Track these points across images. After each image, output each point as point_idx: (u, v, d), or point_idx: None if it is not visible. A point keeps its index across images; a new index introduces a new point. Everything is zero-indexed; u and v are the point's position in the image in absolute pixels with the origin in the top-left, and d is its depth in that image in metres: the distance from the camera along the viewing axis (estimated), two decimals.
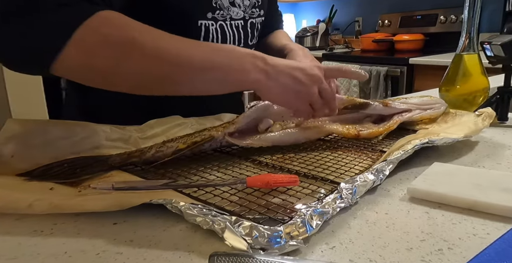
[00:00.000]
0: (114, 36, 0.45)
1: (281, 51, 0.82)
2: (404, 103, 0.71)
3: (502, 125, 0.75)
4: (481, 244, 0.35)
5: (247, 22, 0.76)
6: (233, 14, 0.72)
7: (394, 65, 2.24)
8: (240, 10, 0.74)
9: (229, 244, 0.34)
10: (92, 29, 0.44)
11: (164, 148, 0.55)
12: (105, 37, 0.45)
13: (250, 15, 0.76)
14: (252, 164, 0.56)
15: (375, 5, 3.03)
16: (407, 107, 0.70)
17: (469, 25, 0.75)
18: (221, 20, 0.70)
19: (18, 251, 0.36)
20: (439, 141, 0.55)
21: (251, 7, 0.76)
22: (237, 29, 0.75)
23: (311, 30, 3.21)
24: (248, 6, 0.75)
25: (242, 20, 0.75)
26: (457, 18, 2.46)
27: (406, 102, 0.71)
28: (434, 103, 0.72)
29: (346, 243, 0.36)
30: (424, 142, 0.54)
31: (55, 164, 0.52)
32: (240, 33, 0.76)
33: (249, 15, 0.76)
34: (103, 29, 0.45)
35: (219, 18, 0.70)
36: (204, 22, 0.68)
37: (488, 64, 0.77)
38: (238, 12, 0.73)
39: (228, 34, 0.73)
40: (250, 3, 0.75)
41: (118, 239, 0.37)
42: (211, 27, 0.69)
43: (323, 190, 0.45)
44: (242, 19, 0.74)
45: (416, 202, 0.44)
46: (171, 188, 0.46)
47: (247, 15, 0.75)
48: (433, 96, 0.74)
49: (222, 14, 0.70)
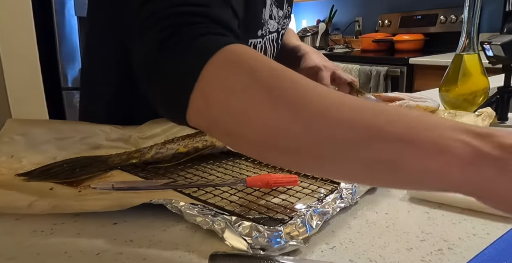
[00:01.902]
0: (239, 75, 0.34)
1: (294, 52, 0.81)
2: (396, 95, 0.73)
3: (502, 125, 0.75)
4: (481, 244, 0.35)
5: (279, 34, 0.73)
6: (271, 28, 0.69)
7: (394, 65, 2.24)
8: (275, 22, 0.71)
9: (229, 244, 0.34)
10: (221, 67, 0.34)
11: (164, 149, 0.55)
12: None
13: (282, 26, 0.73)
14: (252, 164, 0.56)
15: (375, 5, 3.02)
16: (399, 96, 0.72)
17: (469, 25, 0.75)
18: (265, 35, 0.68)
19: (18, 251, 0.36)
20: None
21: (283, 18, 0.73)
22: (273, 42, 0.72)
23: (311, 30, 3.21)
24: (281, 17, 0.72)
25: (276, 33, 0.72)
26: (457, 18, 2.46)
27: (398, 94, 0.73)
28: (426, 99, 0.73)
29: (346, 243, 0.36)
30: None
31: (55, 164, 0.52)
32: (275, 46, 0.72)
33: (281, 27, 0.73)
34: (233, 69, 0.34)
35: (264, 34, 0.67)
36: (254, 40, 0.65)
37: (488, 64, 0.77)
38: (274, 25, 0.70)
39: (269, 49, 0.69)
40: (283, 13, 0.72)
41: (118, 239, 0.37)
42: (258, 45, 0.66)
43: (323, 190, 0.45)
44: (276, 32, 0.71)
45: (416, 202, 0.44)
46: (171, 188, 0.46)
47: (280, 26, 0.72)
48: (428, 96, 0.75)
49: (265, 29, 0.68)
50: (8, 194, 0.43)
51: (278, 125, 0.29)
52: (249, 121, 0.31)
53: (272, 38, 0.72)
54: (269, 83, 0.31)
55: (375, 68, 2.29)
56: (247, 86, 0.31)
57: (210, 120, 0.33)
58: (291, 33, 0.92)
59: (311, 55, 0.78)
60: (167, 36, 0.35)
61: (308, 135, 0.29)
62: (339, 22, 3.35)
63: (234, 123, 0.32)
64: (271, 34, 0.71)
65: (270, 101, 0.30)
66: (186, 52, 0.35)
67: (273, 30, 0.71)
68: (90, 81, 0.72)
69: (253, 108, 0.31)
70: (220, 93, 0.32)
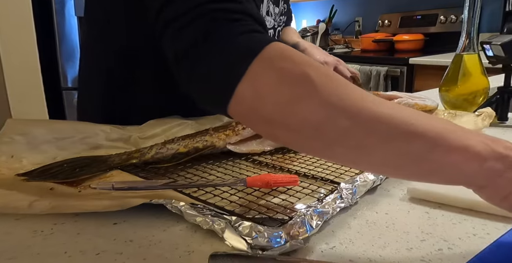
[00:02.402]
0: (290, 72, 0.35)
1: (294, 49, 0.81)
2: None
3: (502, 125, 0.75)
4: (481, 244, 0.35)
5: (275, 31, 0.73)
6: (268, 24, 0.70)
7: (394, 65, 2.24)
8: (271, 19, 0.71)
9: (229, 244, 0.34)
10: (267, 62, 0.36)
11: (164, 149, 0.55)
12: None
13: (278, 23, 0.73)
14: (252, 164, 0.56)
15: (375, 5, 3.02)
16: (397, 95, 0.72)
17: (469, 25, 0.75)
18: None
19: (18, 251, 0.36)
20: None
21: (279, 14, 0.73)
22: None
23: (311, 30, 3.21)
24: (277, 14, 0.72)
25: (272, 30, 0.72)
26: (457, 18, 2.46)
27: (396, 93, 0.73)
28: (425, 98, 0.73)
29: (346, 243, 0.36)
30: None
31: (55, 164, 0.52)
32: None
33: (277, 24, 0.73)
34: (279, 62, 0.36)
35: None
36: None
37: (488, 64, 0.77)
38: (270, 21, 0.71)
39: None
40: (279, 10, 0.73)
41: (118, 239, 0.37)
42: None
43: (323, 190, 0.45)
44: (272, 29, 0.72)
45: (416, 202, 0.44)
46: (171, 188, 0.46)
47: (276, 23, 0.72)
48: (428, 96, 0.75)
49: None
50: (8, 194, 0.43)
51: (323, 119, 0.33)
52: (295, 112, 0.33)
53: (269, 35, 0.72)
54: (319, 79, 0.33)
55: (375, 68, 2.29)
56: (298, 78, 0.34)
57: (252, 108, 0.35)
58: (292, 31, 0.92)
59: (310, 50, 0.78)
60: (210, 31, 0.37)
61: (354, 128, 0.32)
62: (339, 22, 3.35)
63: (279, 112, 0.34)
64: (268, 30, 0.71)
65: (318, 97, 0.33)
66: (233, 48, 0.37)
67: (269, 26, 0.71)
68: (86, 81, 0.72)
69: (302, 100, 0.33)
70: (270, 83, 0.34)
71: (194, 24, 0.38)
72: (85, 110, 0.75)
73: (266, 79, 0.35)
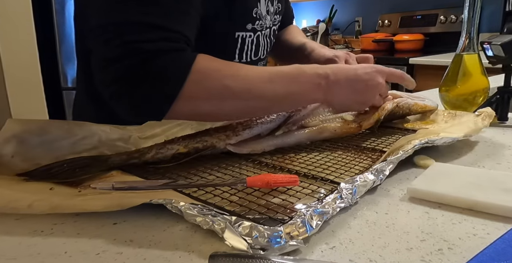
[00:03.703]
0: (213, 89, 0.52)
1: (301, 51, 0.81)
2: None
3: (502, 125, 0.75)
4: (481, 244, 0.35)
5: (271, 30, 0.74)
6: (267, 23, 0.70)
7: (394, 65, 2.24)
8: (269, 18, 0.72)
9: (229, 244, 0.34)
10: (196, 84, 0.50)
11: (164, 149, 0.55)
12: (207, 91, 0.51)
13: (273, 22, 0.74)
14: (252, 164, 0.56)
15: (375, 5, 3.03)
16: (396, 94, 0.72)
17: (469, 25, 0.75)
18: (259, 30, 0.69)
19: (18, 251, 0.36)
20: (439, 140, 0.55)
21: (274, 14, 0.73)
22: (267, 38, 0.73)
23: (311, 30, 3.21)
24: (272, 13, 0.73)
25: (269, 29, 0.73)
26: (457, 18, 2.46)
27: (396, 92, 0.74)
28: (424, 98, 0.73)
29: (346, 243, 0.36)
30: (423, 141, 0.54)
31: (55, 164, 0.52)
32: (268, 42, 0.74)
33: (272, 23, 0.74)
34: (204, 83, 0.51)
35: (258, 29, 0.68)
36: (242, 33, 0.66)
37: (488, 64, 0.77)
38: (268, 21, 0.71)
39: (261, 44, 0.71)
40: (274, 10, 0.73)
41: (118, 239, 0.37)
42: (248, 38, 0.68)
43: (323, 190, 0.45)
44: (269, 28, 0.72)
45: (416, 202, 0.44)
46: (171, 188, 0.46)
47: (271, 22, 0.73)
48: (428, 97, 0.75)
49: (261, 24, 0.68)
50: (8, 194, 0.43)
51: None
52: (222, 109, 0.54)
53: (267, 34, 0.72)
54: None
55: None
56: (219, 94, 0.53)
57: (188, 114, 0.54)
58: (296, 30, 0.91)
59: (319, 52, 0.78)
60: (137, 64, 0.48)
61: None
62: (339, 22, 3.35)
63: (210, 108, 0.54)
64: (266, 29, 0.71)
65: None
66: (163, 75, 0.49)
67: (267, 26, 0.72)
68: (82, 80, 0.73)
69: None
70: (201, 96, 0.51)
71: (122, 61, 0.48)
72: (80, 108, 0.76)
73: (197, 97, 0.51)
